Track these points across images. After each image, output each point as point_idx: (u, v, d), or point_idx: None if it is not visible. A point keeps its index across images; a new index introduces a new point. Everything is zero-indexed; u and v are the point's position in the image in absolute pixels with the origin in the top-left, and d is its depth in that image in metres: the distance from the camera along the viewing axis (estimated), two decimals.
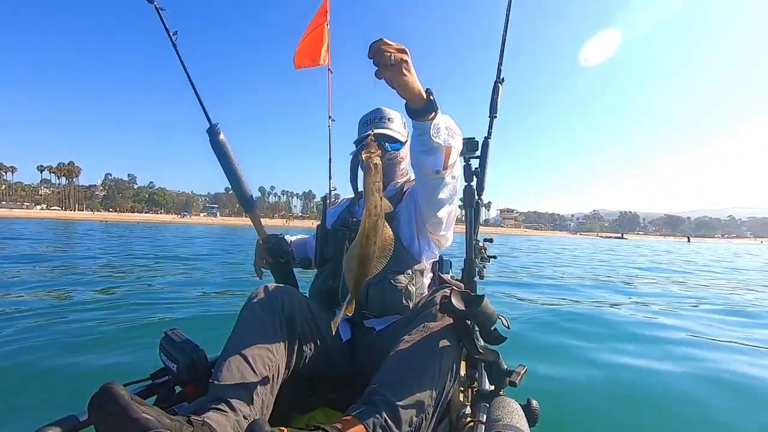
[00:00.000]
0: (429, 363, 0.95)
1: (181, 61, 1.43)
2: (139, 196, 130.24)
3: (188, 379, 1.07)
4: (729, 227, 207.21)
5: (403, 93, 0.92)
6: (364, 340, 1.26)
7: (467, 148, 1.22)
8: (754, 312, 4.76)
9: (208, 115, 1.42)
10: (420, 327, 1.03)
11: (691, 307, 5.08)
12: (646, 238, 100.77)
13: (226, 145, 1.40)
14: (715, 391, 2.30)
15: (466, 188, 1.22)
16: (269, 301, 1.07)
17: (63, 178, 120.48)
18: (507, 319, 1.04)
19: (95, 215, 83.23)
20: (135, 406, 0.66)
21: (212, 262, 8.69)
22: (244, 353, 0.94)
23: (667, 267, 11.47)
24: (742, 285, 7.74)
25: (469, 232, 1.20)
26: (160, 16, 1.39)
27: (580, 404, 2.12)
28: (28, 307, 3.83)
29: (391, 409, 0.86)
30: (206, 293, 4.92)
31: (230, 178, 1.41)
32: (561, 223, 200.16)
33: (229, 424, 0.81)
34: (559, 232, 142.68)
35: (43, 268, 6.59)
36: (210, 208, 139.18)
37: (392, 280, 1.24)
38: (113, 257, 8.98)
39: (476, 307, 0.98)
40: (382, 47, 0.85)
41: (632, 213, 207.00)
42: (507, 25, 1.45)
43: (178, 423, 0.70)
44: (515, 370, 1.10)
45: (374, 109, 1.47)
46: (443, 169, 1.08)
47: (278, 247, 1.45)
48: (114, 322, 3.46)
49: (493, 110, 1.44)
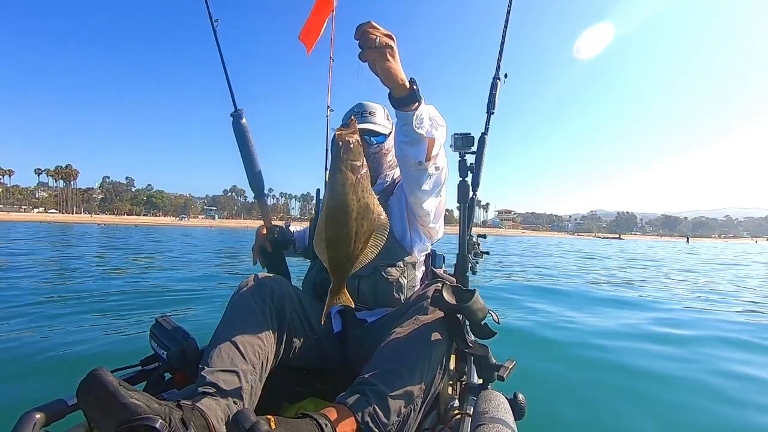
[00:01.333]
0: (419, 355, 0.96)
1: (218, 48, 1.52)
2: (137, 198, 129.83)
3: (178, 367, 1.07)
4: (726, 227, 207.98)
5: (386, 80, 0.91)
6: (355, 332, 1.27)
7: (463, 144, 1.22)
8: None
9: (235, 100, 1.51)
10: (411, 320, 1.04)
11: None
12: (643, 239, 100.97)
13: (247, 130, 1.48)
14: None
15: (461, 184, 1.22)
16: (259, 290, 1.08)
17: (60, 181, 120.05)
18: (497, 314, 1.05)
19: (93, 218, 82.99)
20: (123, 391, 0.66)
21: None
22: (234, 340, 0.96)
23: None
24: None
25: (463, 228, 1.20)
26: (207, 4, 1.48)
27: (566, 398, 2.17)
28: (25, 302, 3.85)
29: (380, 398, 0.87)
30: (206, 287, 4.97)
31: (246, 162, 1.49)
32: (559, 224, 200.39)
33: (219, 407, 0.82)
34: (557, 233, 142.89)
35: (46, 265, 6.60)
36: (208, 211, 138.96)
37: (384, 273, 1.24)
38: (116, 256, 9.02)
39: (467, 302, 0.99)
40: (368, 29, 0.84)
41: (629, 213, 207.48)
42: (507, 21, 1.44)
43: (167, 407, 0.70)
44: (504, 365, 1.11)
45: (355, 104, 1.45)
46: (426, 160, 1.08)
47: (282, 236, 1.47)
48: (107, 309, 3.49)
49: (491, 106, 1.44)
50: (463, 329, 1.05)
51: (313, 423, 0.77)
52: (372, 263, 1.21)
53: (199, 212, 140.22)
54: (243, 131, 1.47)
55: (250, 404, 0.92)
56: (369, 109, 1.42)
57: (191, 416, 0.74)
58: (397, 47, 0.87)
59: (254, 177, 1.49)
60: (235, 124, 1.47)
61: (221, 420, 0.81)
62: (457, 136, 1.27)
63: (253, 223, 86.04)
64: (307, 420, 0.78)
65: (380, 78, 0.91)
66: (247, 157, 1.47)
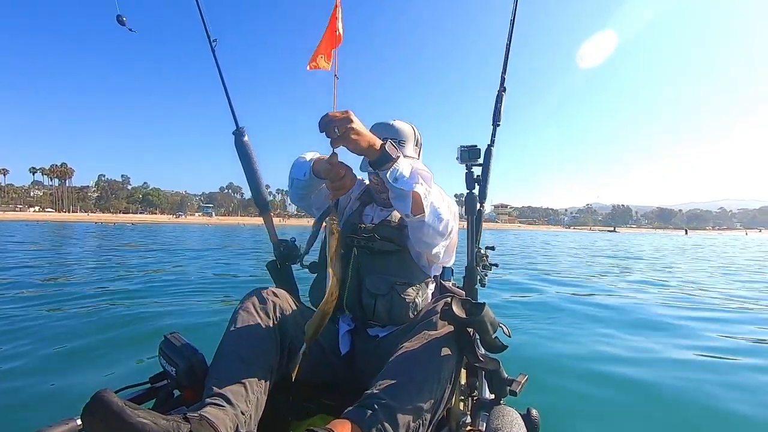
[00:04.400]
0: (429, 369, 0.96)
1: (218, 67, 1.52)
2: (133, 196, 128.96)
3: (187, 383, 1.07)
4: (720, 219, 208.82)
5: (357, 152, 0.98)
6: (364, 347, 1.27)
7: (469, 156, 1.23)
8: None
9: (236, 118, 1.51)
10: (420, 334, 1.04)
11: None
12: (639, 231, 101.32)
13: (249, 148, 1.50)
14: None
15: (468, 195, 1.23)
16: (262, 305, 1.11)
17: (56, 179, 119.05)
18: (508, 327, 1.05)
19: (90, 216, 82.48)
20: (129, 411, 0.66)
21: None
22: (239, 353, 0.99)
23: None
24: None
25: (471, 240, 1.20)
26: (204, 24, 1.50)
27: (582, 414, 2.13)
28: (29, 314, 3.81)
29: (388, 412, 0.87)
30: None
31: (250, 180, 1.50)
32: (555, 218, 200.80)
33: (227, 417, 0.84)
34: (553, 227, 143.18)
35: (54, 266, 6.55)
36: (205, 208, 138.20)
37: (402, 294, 1.24)
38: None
39: (477, 315, 0.98)
40: (327, 122, 0.93)
41: (625, 206, 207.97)
42: (511, 35, 1.44)
43: (175, 423, 0.71)
44: (516, 380, 1.10)
45: (385, 125, 1.36)
46: (412, 214, 1.08)
47: (288, 251, 1.47)
48: (114, 325, 3.47)
49: (497, 118, 1.44)
50: (474, 343, 1.05)
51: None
52: (388, 281, 1.24)
53: (196, 209, 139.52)
54: (245, 149, 1.49)
55: (256, 416, 0.94)
56: (399, 137, 1.34)
57: (199, 427, 0.75)
58: (357, 119, 0.95)
59: (258, 193, 1.51)
60: (237, 143, 1.49)
61: (230, 429, 0.82)
62: (464, 149, 1.27)
63: (250, 220, 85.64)
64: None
65: (352, 152, 0.98)
66: (250, 174, 1.49)
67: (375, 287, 1.23)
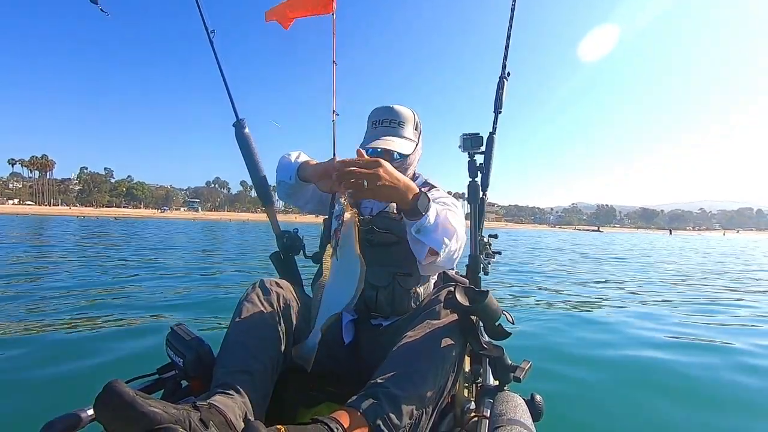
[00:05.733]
0: (432, 358, 0.96)
1: (216, 59, 1.50)
2: (116, 190, 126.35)
3: (194, 374, 1.08)
4: (700, 220, 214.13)
5: (388, 201, 0.95)
6: (368, 337, 1.26)
7: (472, 144, 1.22)
8: None
9: (236, 110, 1.50)
10: (424, 323, 1.04)
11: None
12: (622, 231, 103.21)
13: (250, 139, 1.48)
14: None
15: (471, 184, 1.22)
16: (266, 296, 1.11)
17: (36, 171, 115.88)
18: (511, 314, 1.05)
19: (72, 210, 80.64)
20: (140, 400, 0.67)
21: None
22: (245, 342, 1.00)
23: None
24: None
25: (474, 228, 1.20)
26: (202, 15, 1.47)
27: (585, 399, 2.17)
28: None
29: (392, 401, 0.87)
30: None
31: (251, 172, 1.49)
32: (541, 217, 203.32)
33: (236, 405, 0.84)
34: (539, 226, 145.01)
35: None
36: (191, 203, 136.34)
37: (401, 283, 1.23)
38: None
39: (481, 303, 0.98)
40: (347, 175, 0.87)
41: (609, 206, 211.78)
42: (512, 19, 1.44)
43: (185, 411, 0.71)
44: (519, 366, 1.11)
45: (386, 107, 1.32)
46: (424, 260, 1.07)
47: (291, 242, 1.47)
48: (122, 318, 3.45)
49: (498, 106, 1.44)
50: (477, 331, 1.05)
51: (324, 428, 0.77)
52: (389, 272, 1.22)
53: (181, 204, 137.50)
54: (246, 141, 1.47)
55: (263, 404, 0.95)
56: (399, 118, 1.29)
57: (209, 415, 0.76)
58: (388, 165, 0.90)
59: (260, 184, 1.49)
60: (237, 134, 1.48)
61: (239, 416, 0.82)
62: (466, 137, 1.26)
63: (236, 215, 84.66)
64: (318, 425, 0.78)
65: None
66: (251, 165, 1.48)
67: (376, 279, 1.22)
